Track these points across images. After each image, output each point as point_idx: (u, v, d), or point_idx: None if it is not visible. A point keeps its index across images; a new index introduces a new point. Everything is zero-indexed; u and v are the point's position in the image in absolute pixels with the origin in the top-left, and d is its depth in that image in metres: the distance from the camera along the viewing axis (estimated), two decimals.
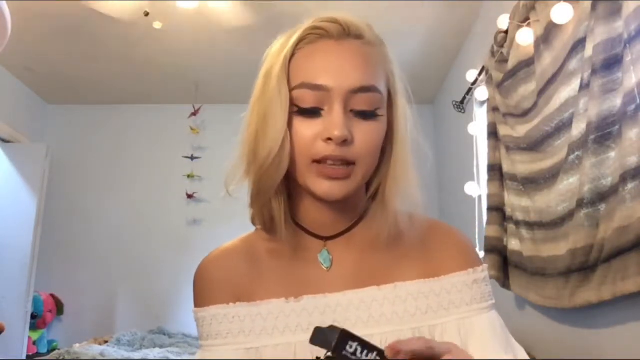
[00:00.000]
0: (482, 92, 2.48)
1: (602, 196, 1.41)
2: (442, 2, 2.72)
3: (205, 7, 2.67)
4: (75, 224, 3.94)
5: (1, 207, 3.41)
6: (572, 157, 1.57)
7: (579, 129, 1.51)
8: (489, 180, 2.24)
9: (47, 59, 3.40)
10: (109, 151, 4.10)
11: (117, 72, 3.61)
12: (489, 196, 2.23)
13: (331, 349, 0.43)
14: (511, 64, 2.07)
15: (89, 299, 3.82)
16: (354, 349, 0.43)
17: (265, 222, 0.68)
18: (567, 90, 1.63)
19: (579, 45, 1.56)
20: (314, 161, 0.60)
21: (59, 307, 3.73)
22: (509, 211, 2.08)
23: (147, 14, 2.57)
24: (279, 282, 0.67)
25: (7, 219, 3.38)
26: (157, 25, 2.67)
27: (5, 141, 3.59)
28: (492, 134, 2.27)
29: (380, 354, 0.44)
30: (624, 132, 1.30)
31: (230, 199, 0.67)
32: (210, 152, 3.98)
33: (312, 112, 0.61)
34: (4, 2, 0.79)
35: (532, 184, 1.88)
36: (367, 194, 0.69)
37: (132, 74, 3.65)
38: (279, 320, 0.65)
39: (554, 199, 1.69)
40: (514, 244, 2.02)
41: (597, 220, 1.43)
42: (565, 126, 1.65)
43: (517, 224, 1.99)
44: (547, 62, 1.77)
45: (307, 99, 0.60)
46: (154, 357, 2.58)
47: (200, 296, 0.69)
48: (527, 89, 1.95)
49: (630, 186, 1.27)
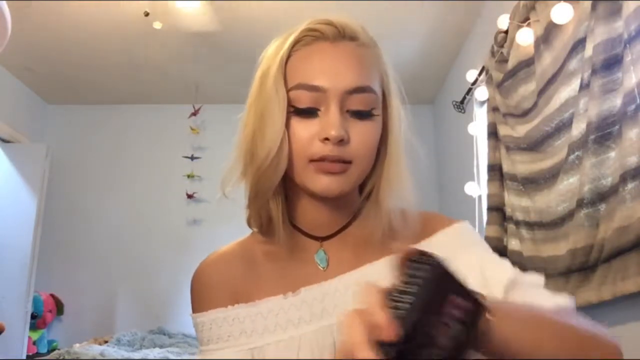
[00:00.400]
0: (482, 92, 2.48)
1: (602, 196, 1.41)
2: (442, 2, 2.72)
3: (205, 7, 2.67)
4: (75, 224, 3.94)
5: (1, 207, 3.41)
6: (572, 157, 1.57)
7: (579, 129, 1.51)
8: (489, 180, 2.24)
9: (47, 59, 3.40)
10: (109, 151, 4.09)
11: (117, 72, 3.61)
12: (489, 196, 2.23)
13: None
14: (511, 64, 2.07)
15: (89, 299, 3.81)
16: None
17: (262, 224, 0.68)
18: (567, 90, 1.64)
19: (579, 45, 1.56)
20: (311, 161, 0.61)
21: (59, 307, 3.72)
22: (509, 211, 2.08)
23: (147, 14, 2.57)
24: (276, 283, 0.67)
25: (7, 219, 3.38)
26: (157, 25, 2.67)
27: (5, 141, 3.59)
28: (492, 134, 2.27)
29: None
30: (624, 132, 1.30)
31: (230, 199, 0.67)
32: (210, 152, 3.98)
33: (309, 113, 0.61)
34: (4, 2, 0.79)
35: (532, 184, 1.88)
36: (361, 194, 0.69)
37: (132, 74, 3.64)
38: (280, 316, 0.65)
39: (554, 199, 1.69)
40: (514, 244, 2.02)
41: (597, 220, 1.43)
42: (565, 126, 1.65)
43: (517, 224, 1.99)
44: (547, 62, 1.77)
45: (304, 99, 0.61)
46: (154, 357, 2.58)
47: (198, 301, 0.69)
48: (527, 89, 1.95)
49: (630, 186, 1.27)
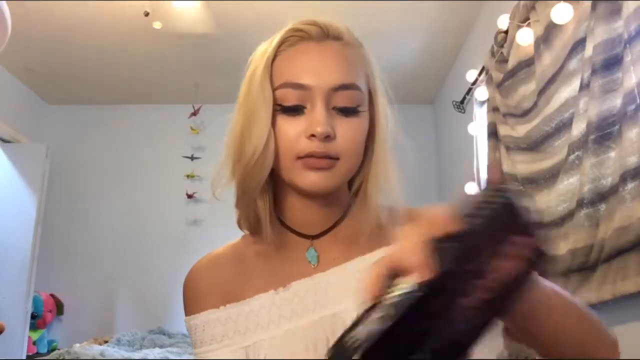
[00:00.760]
0: (482, 92, 2.48)
1: (602, 196, 1.41)
2: (442, 2, 2.72)
3: (205, 7, 2.67)
4: (75, 224, 3.94)
5: (1, 207, 3.41)
6: (572, 157, 1.57)
7: (579, 129, 1.51)
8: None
9: (47, 59, 3.40)
10: (109, 151, 4.09)
11: (117, 72, 3.61)
12: None
13: None
14: (511, 64, 2.07)
15: (89, 299, 3.81)
16: None
17: (250, 223, 0.68)
18: (567, 90, 1.64)
19: (579, 45, 1.56)
20: (299, 158, 0.61)
21: (59, 307, 3.72)
22: None
23: (147, 14, 2.57)
24: (267, 281, 0.68)
25: (7, 219, 3.38)
26: (157, 25, 2.67)
27: (5, 141, 3.59)
28: (492, 134, 2.27)
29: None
30: (624, 132, 1.30)
31: (226, 198, 0.67)
32: (210, 152, 3.97)
33: (295, 110, 0.62)
34: (4, 2, 0.79)
35: (532, 184, 1.88)
36: (350, 192, 0.70)
37: (132, 74, 3.64)
38: (272, 312, 0.65)
39: (554, 199, 1.69)
40: None
41: (597, 220, 1.43)
42: (565, 126, 1.65)
43: None
44: (547, 62, 1.77)
45: (290, 97, 0.62)
46: (154, 357, 2.58)
47: (190, 305, 0.70)
48: (527, 89, 1.95)
49: (630, 186, 1.27)
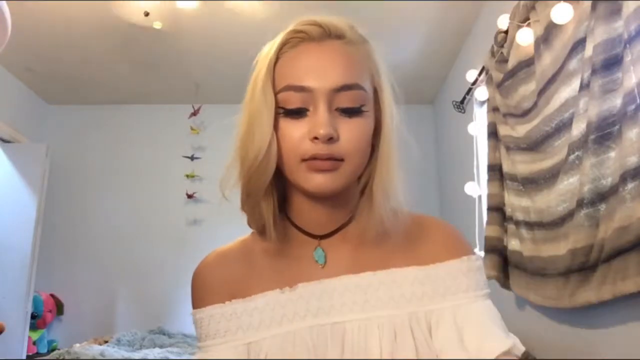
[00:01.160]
0: (482, 92, 2.48)
1: (602, 196, 1.41)
2: (442, 2, 2.72)
3: (205, 7, 2.67)
4: (75, 224, 3.94)
5: (1, 207, 3.41)
6: (572, 157, 1.57)
7: (579, 129, 1.51)
8: (489, 180, 2.24)
9: (47, 59, 3.40)
10: (109, 151, 4.09)
11: (117, 72, 3.61)
12: (489, 196, 2.23)
13: None
14: (511, 64, 2.07)
15: (89, 299, 3.82)
16: None
17: (257, 225, 0.69)
18: (567, 90, 1.64)
19: (579, 45, 1.56)
20: (303, 160, 0.61)
21: (59, 307, 3.72)
22: (509, 211, 2.08)
23: (147, 14, 2.57)
24: (274, 279, 0.68)
25: (7, 219, 3.38)
26: (157, 25, 2.67)
27: (5, 141, 3.59)
28: (492, 134, 2.27)
29: None
30: (624, 132, 1.30)
31: (230, 199, 0.67)
32: (210, 152, 3.98)
33: (298, 113, 0.62)
34: (4, 2, 0.79)
35: (532, 184, 1.87)
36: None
37: (132, 74, 3.64)
38: (276, 311, 0.66)
39: (554, 199, 1.69)
40: (514, 244, 2.02)
41: (597, 220, 1.43)
42: (565, 126, 1.65)
43: (517, 224, 1.99)
44: (547, 62, 1.77)
45: (293, 100, 0.62)
46: (154, 357, 2.58)
47: (197, 299, 0.71)
48: (527, 89, 1.95)
49: (630, 186, 1.27)
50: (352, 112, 0.62)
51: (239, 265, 0.70)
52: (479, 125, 2.70)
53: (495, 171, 2.20)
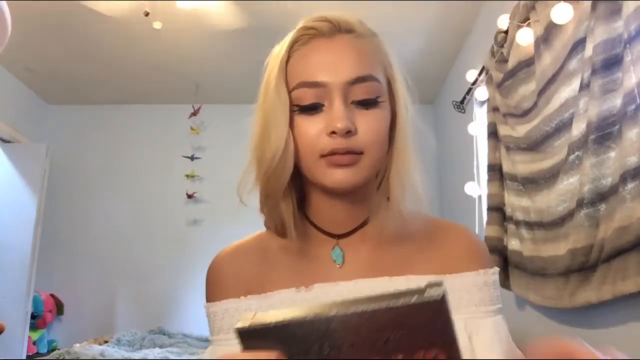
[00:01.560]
0: (482, 92, 2.48)
1: (602, 196, 1.41)
2: (442, 2, 2.72)
3: (205, 7, 2.67)
4: (75, 224, 3.94)
5: (1, 207, 3.41)
6: (572, 157, 1.57)
7: (579, 129, 1.51)
8: (489, 180, 2.24)
9: (47, 59, 3.40)
10: (109, 151, 4.09)
11: (117, 72, 3.61)
12: (489, 196, 2.23)
13: None
14: (511, 64, 2.07)
15: (89, 299, 3.82)
16: None
17: (277, 225, 0.68)
18: (567, 90, 1.64)
19: (579, 45, 1.56)
20: (322, 156, 0.61)
21: (59, 307, 3.72)
22: (509, 211, 2.08)
23: (147, 14, 2.57)
24: (291, 277, 0.67)
25: (7, 219, 3.38)
26: (157, 25, 2.67)
27: (5, 141, 3.59)
28: (492, 134, 2.27)
29: None
30: (624, 132, 1.30)
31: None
32: (210, 152, 3.98)
33: (313, 108, 0.61)
34: (4, 2, 0.79)
35: (532, 184, 1.87)
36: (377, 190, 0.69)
37: (132, 74, 3.64)
38: None
39: (554, 199, 1.69)
40: (514, 244, 2.02)
41: (597, 220, 1.43)
42: (565, 126, 1.65)
43: (517, 224, 1.99)
44: (547, 62, 1.77)
45: (307, 97, 0.61)
46: (154, 357, 2.58)
47: (211, 292, 0.70)
48: (527, 89, 1.95)
49: (630, 186, 1.27)
50: (368, 103, 0.62)
51: (255, 260, 0.70)
52: (479, 125, 2.70)
53: (495, 171, 2.20)
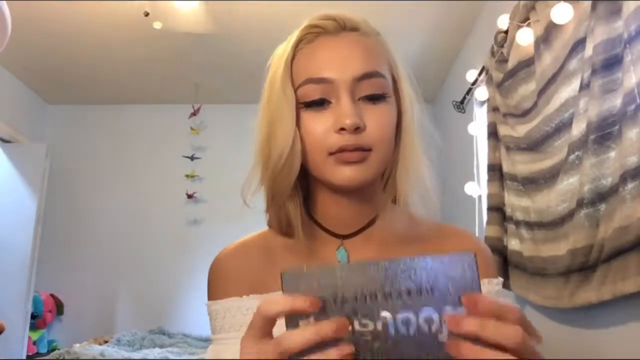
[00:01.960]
0: (482, 92, 2.48)
1: (602, 196, 1.41)
2: (442, 2, 2.72)
3: (205, 7, 2.67)
4: (75, 224, 3.94)
5: (1, 207, 3.41)
6: (572, 157, 1.57)
7: (579, 129, 1.51)
8: (489, 180, 2.24)
9: (47, 59, 3.40)
10: (109, 151, 4.09)
11: (117, 72, 3.61)
12: (489, 196, 2.23)
13: None
14: (511, 64, 2.07)
15: (89, 299, 3.82)
16: None
17: (282, 225, 0.68)
18: (567, 90, 1.64)
19: (579, 45, 1.56)
20: (330, 154, 0.60)
21: (59, 307, 3.72)
22: (509, 211, 2.08)
23: (147, 14, 2.57)
24: None
25: (7, 219, 3.38)
26: (157, 25, 2.67)
27: (5, 141, 3.59)
28: (492, 134, 2.27)
29: None
30: (624, 132, 1.30)
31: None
32: (210, 152, 3.98)
33: (320, 104, 0.61)
34: (4, 2, 0.79)
35: (532, 184, 1.87)
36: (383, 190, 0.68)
37: (132, 74, 3.64)
38: None
39: (554, 199, 1.69)
40: (514, 244, 2.02)
41: (597, 220, 1.43)
42: (565, 126, 1.65)
43: (517, 224, 1.99)
44: (547, 62, 1.77)
45: (314, 93, 0.61)
46: (154, 357, 2.58)
47: (214, 290, 0.69)
48: (527, 89, 1.95)
49: (630, 186, 1.27)
50: (376, 98, 0.61)
51: (258, 258, 0.69)
52: (479, 125, 2.70)
53: (495, 171, 2.20)
